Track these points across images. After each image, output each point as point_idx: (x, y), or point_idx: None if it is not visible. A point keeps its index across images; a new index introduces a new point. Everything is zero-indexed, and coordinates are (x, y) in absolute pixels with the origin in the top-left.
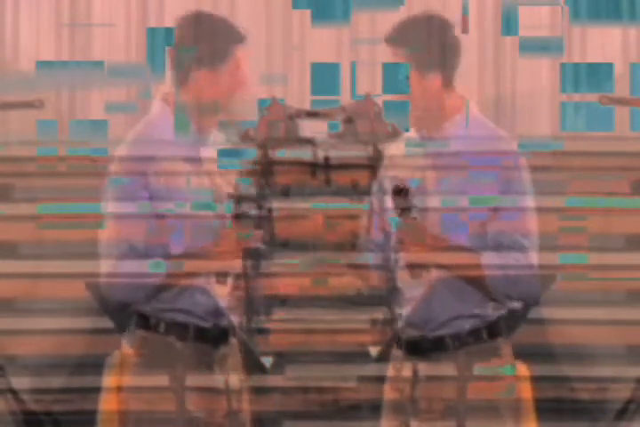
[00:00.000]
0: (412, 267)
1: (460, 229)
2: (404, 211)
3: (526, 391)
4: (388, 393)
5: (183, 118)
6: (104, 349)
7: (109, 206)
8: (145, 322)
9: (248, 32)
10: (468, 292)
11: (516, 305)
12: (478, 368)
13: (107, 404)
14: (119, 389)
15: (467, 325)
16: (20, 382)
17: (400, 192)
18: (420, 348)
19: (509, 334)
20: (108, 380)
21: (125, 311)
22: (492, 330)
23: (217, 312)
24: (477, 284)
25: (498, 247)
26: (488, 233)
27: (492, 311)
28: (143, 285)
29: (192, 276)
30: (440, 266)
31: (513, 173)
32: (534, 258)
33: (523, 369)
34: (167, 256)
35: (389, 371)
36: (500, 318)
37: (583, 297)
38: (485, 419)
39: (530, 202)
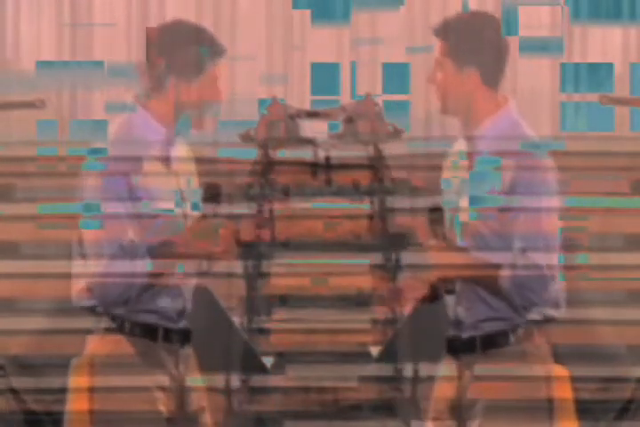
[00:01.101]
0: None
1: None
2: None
3: (562, 392)
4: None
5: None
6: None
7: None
8: (115, 323)
9: (227, 46)
10: (493, 296)
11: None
12: (505, 369)
13: (75, 404)
14: (89, 389)
15: (493, 327)
16: (21, 381)
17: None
18: (454, 348)
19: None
20: (76, 381)
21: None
22: (518, 333)
23: (183, 313)
24: (497, 290)
25: (516, 249)
26: (507, 234)
27: (516, 315)
28: (132, 285)
29: (167, 275)
30: (461, 270)
31: (533, 173)
32: (555, 259)
33: (559, 370)
34: (153, 255)
35: (444, 371)
36: (528, 321)
37: (583, 297)
38: (516, 419)
39: (552, 203)
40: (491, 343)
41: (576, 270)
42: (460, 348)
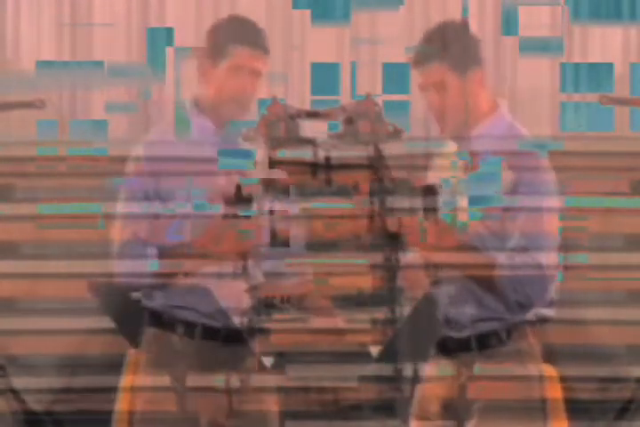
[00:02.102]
0: (431, 268)
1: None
2: (430, 211)
3: (553, 392)
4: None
5: (183, 116)
6: (104, 349)
7: (125, 206)
8: (156, 319)
9: (270, 47)
10: (487, 295)
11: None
12: (499, 369)
13: (121, 404)
14: (132, 388)
15: (488, 327)
16: (21, 382)
17: (430, 191)
18: (446, 348)
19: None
20: (124, 379)
21: (134, 309)
22: (513, 333)
23: (229, 312)
24: (494, 287)
25: (518, 248)
26: (508, 233)
27: (510, 315)
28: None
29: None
30: (458, 267)
31: (534, 173)
32: (555, 258)
33: (549, 370)
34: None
35: (430, 371)
36: (522, 321)
37: (583, 297)
38: (507, 419)
39: (553, 202)
40: (485, 343)
41: (576, 270)
42: (454, 348)
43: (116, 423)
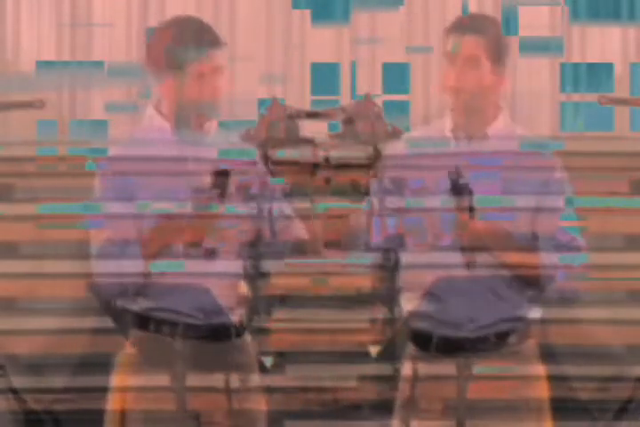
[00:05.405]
0: (471, 264)
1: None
2: (465, 209)
3: (545, 391)
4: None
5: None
6: (104, 348)
7: (103, 206)
8: (139, 321)
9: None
10: (509, 293)
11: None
12: (513, 368)
13: (112, 403)
14: (122, 388)
15: (509, 326)
16: (21, 381)
17: (461, 189)
18: (457, 347)
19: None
20: (113, 379)
21: (120, 310)
22: (528, 331)
23: (213, 310)
24: (527, 283)
25: (555, 247)
26: (540, 233)
27: (528, 313)
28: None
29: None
30: (500, 264)
31: (554, 173)
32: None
33: (543, 370)
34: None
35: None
36: (534, 319)
37: (583, 297)
38: (504, 419)
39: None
40: (503, 342)
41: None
42: (466, 347)
43: (109, 424)
